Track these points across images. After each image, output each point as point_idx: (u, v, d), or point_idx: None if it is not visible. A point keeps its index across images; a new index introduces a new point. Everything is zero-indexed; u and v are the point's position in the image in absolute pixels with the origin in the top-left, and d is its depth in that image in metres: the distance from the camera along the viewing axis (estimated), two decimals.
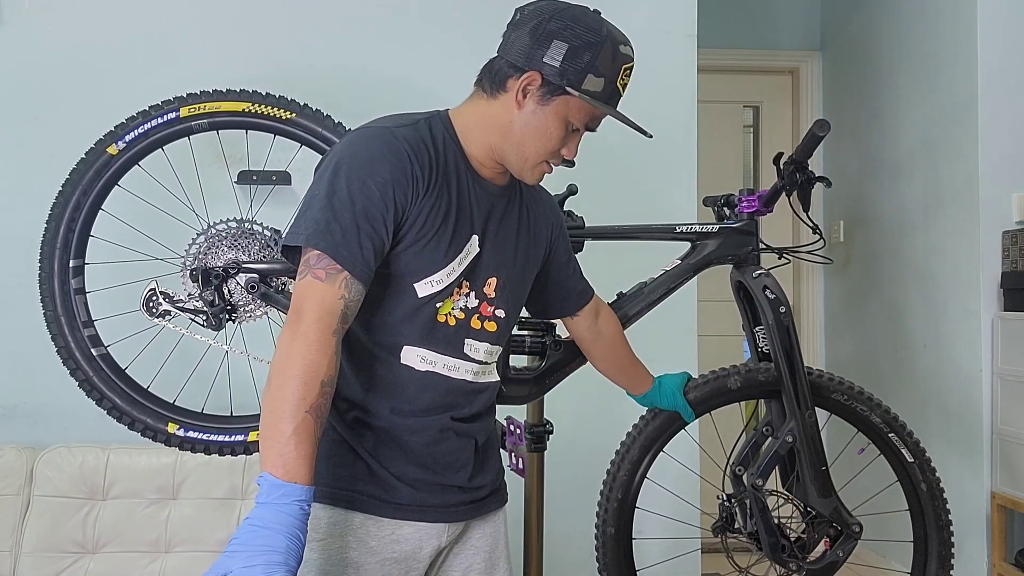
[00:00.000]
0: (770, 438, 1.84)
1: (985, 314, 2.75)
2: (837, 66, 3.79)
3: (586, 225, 1.74)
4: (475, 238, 1.26)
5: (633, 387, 1.74)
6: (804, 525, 1.80)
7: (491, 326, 1.30)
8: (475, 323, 1.28)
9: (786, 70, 3.94)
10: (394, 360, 1.24)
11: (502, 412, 1.62)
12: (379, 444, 1.24)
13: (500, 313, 1.31)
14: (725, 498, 1.83)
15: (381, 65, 2.50)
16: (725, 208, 1.86)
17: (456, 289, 1.25)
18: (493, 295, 1.30)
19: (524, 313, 1.73)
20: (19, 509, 2.17)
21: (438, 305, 1.24)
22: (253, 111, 1.61)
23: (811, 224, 1.79)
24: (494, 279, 1.29)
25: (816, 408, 1.76)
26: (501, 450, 1.62)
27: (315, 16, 2.53)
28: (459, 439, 1.30)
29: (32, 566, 2.12)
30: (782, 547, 1.74)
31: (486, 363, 1.32)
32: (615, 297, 1.76)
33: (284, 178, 2.32)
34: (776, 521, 1.76)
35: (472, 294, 1.27)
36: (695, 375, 1.82)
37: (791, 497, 1.80)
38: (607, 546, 1.79)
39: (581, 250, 1.73)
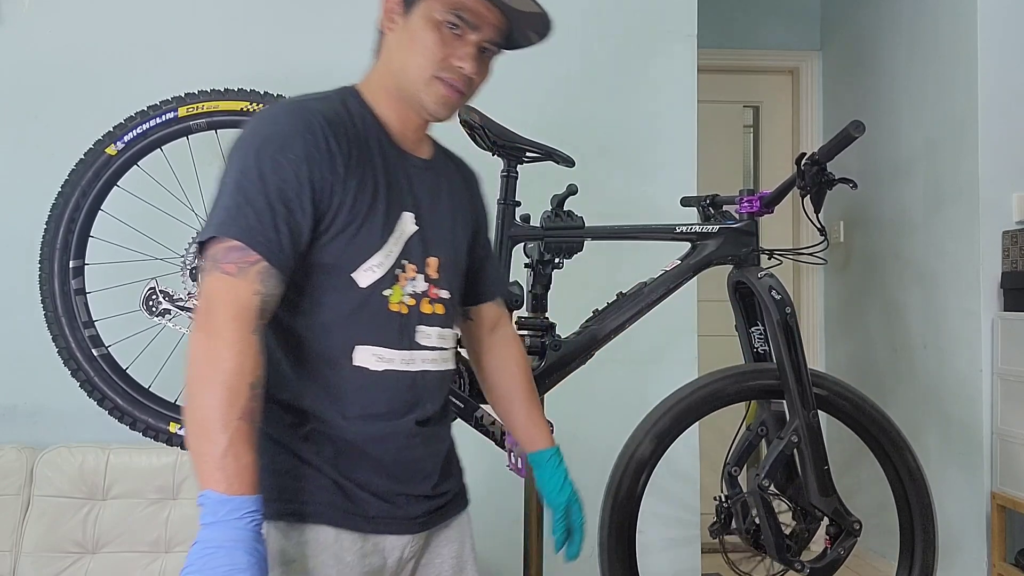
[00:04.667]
0: (766, 438, 1.84)
1: (985, 314, 2.75)
2: (837, 66, 3.79)
3: (586, 225, 1.74)
4: (409, 216, 1.18)
5: (523, 439, 1.45)
6: (795, 522, 1.80)
7: (439, 308, 1.22)
8: (425, 307, 1.20)
9: (786, 70, 3.94)
10: (346, 363, 1.13)
11: None
12: (340, 455, 1.14)
13: (445, 295, 1.23)
14: (723, 499, 1.83)
15: None
16: (711, 208, 1.86)
17: (400, 273, 1.16)
18: (437, 276, 1.21)
19: (523, 312, 1.74)
20: (19, 509, 2.17)
21: (386, 293, 1.14)
22: (251, 110, 1.61)
23: (819, 226, 1.78)
24: (435, 259, 1.21)
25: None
26: (501, 450, 1.63)
27: (314, 15, 2.53)
28: (426, 447, 1.22)
29: (32, 566, 2.12)
30: (787, 547, 1.74)
31: (442, 348, 1.23)
32: (615, 297, 1.77)
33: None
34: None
35: (420, 277, 1.19)
36: (695, 375, 1.82)
37: (779, 495, 1.81)
38: (609, 547, 1.79)
39: (581, 250, 1.73)
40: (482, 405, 1.61)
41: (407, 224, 1.17)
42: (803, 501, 1.77)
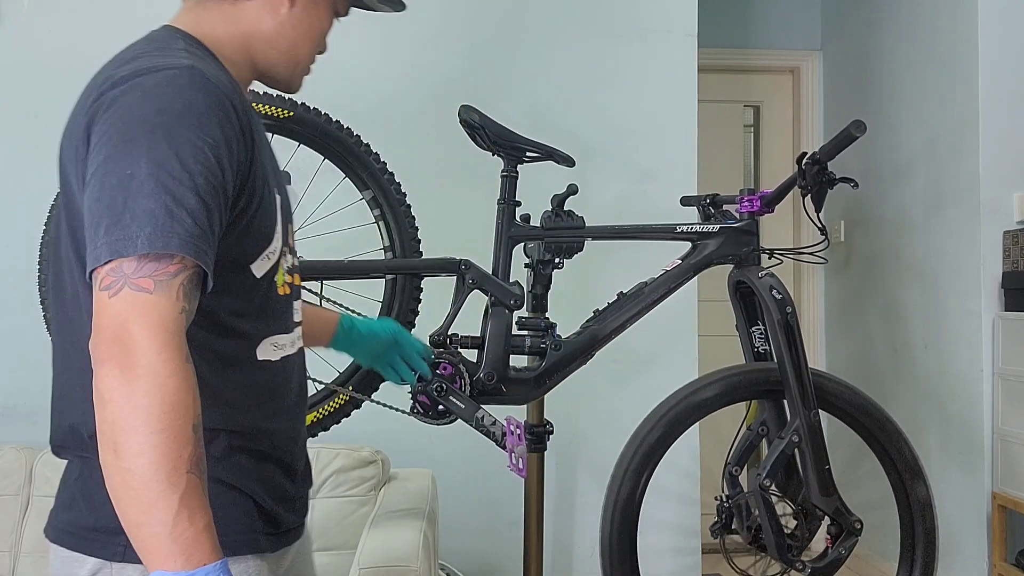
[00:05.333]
0: (767, 438, 1.84)
1: (985, 314, 2.75)
2: (837, 66, 3.79)
3: (586, 225, 1.74)
4: (278, 187, 1.06)
5: (315, 332, 1.34)
6: (795, 522, 1.80)
7: (297, 279, 1.11)
8: (297, 280, 1.09)
9: (786, 70, 3.94)
10: (252, 360, 0.99)
11: (502, 412, 1.62)
12: (260, 466, 0.99)
13: (296, 262, 1.12)
14: (723, 499, 1.83)
15: (381, 64, 2.49)
16: (711, 207, 1.86)
17: (281, 253, 1.03)
18: (293, 244, 1.11)
19: (523, 312, 1.74)
20: (19, 509, 2.17)
21: (275, 278, 1.01)
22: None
23: (820, 225, 1.78)
24: (290, 225, 1.09)
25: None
26: (501, 450, 1.62)
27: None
28: (305, 444, 1.12)
29: (32, 566, 2.11)
30: (788, 547, 1.75)
31: (301, 322, 1.12)
32: (615, 297, 1.76)
33: (283, 177, 2.32)
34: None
35: (288, 251, 1.05)
36: (695, 375, 1.82)
37: (781, 496, 1.81)
38: (611, 547, 1.79)
39: (581, 250, 1.73)
40: (483, 406, 1.61)
41: (278, 196, 1.03)
42: (804, 500, 1.77)
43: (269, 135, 1.67)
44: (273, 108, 1.61)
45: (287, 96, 1.68)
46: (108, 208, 0.83)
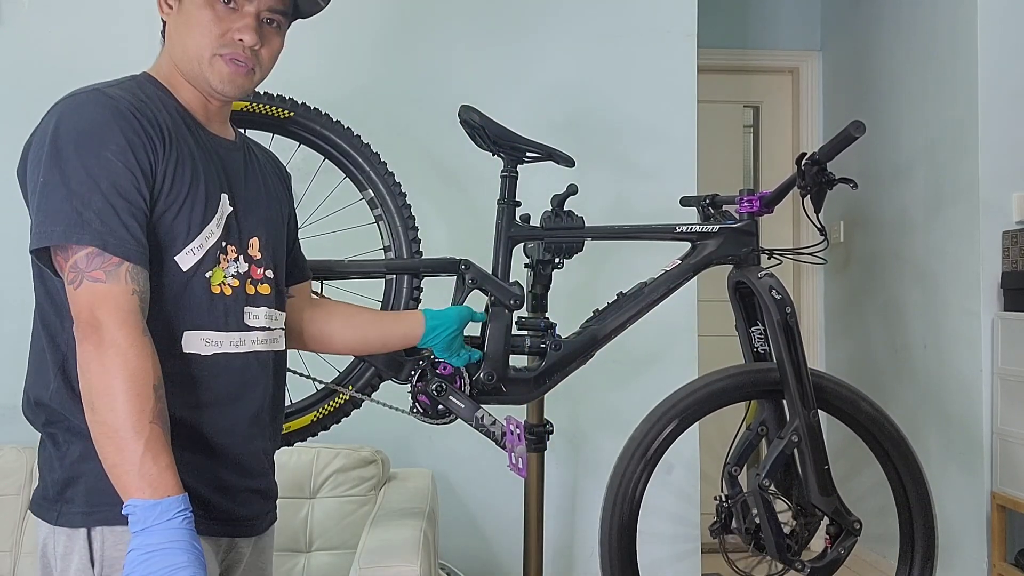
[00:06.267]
0: (766, 438, 1.84)
1: (985, 314, 2.75)
2: (837, 66, 3.79)
3: (586, 225, 1.74)
4: (225, 196, 1.16)
5: (401, 330, 1.48)
6: (795, 522, 1.81)
7: (264, 289, 1.20)
8: (250, 288, 1.18)
9: (786, 70, 3.94)
10: (176, 350, 1.10)
11: (502, 412, 1.63)
12: (184, 450, 1.07)
13: (269, 274, 1.22)
14: (723, 499, 1.84)
15: (380, 64, 2.50)
16: (711, 208, 1.86)
17: (221, 255, 1.14)
18: (259, 256, 1.20)
19: (523, 312, 1.74)
20: (19, 509, 2.17)
21: (208, 275, 1.12)
22: (251, 110, 1.61)
23: (819, 226, 1.78)
24: (256, 239, 1.20)
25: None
26: (501, 450, 1.63)
27: (313, 15, 2.52)
28: (264, 438, 1.21)
29: (32, 566, 2.12)
30: (788, 547, 1.75)
31: (272, 328, 1.22)
32: (615, 297, 1.76)
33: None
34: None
35: (240, 258, 1.17)
36: (695, 375, 1.82)
37: (779, 495, 1.81)
38: (610, 547, 1.79)
39: (581, 250, 1.73)
40: (483, 406, 1.61)
41: (224, 205, 1.15)
42: (803, 500, 1.77)
43: (269, 135, 1.68)
44: (273, 108, 1.61)
45: (287, 96, 1.69)
46: (37, 208, 1.05)
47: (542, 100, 2.56)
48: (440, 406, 1.59)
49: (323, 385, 1.64)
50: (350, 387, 1.64)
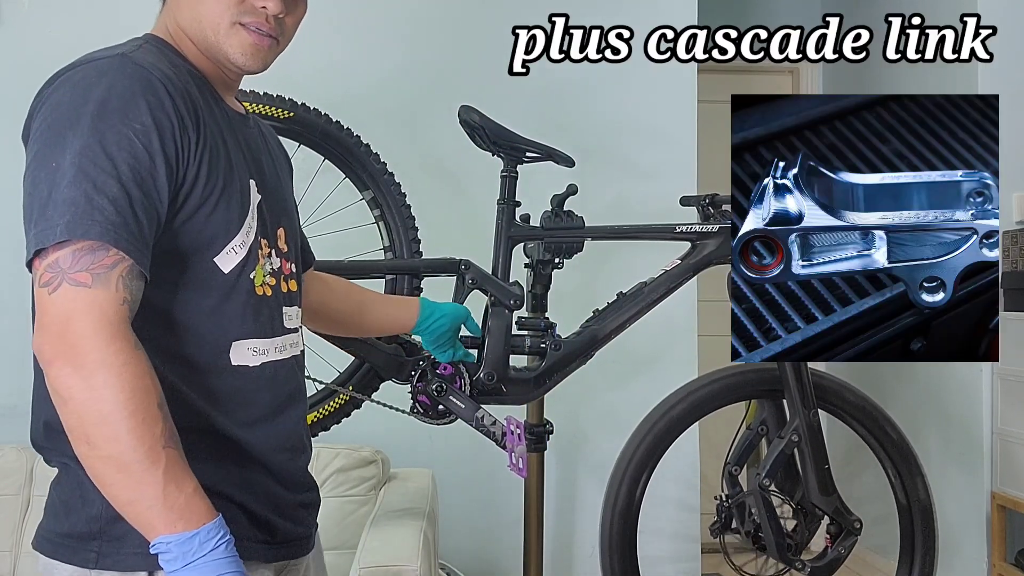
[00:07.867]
0: (766, 438, 1.84)
1: None
2: (837, 66, 3.78)
3: (586, 225, 1.74)
4: (253, 183, 1.01)
5: (395, 316, 1.43)
6: (795, 521, 1.81)
7: (293, 285, 1.07)
8: (283, 287, 1.04)
9: (786, 70, 3.94)
10: (224, 364, 0.96)
11: (502, 412, 1.63)
12: (246, 472, 0.97)
13: (294, 268, 1.09)
14: (723, 498, 1.84)
15: (381, 64, 2.49)
16: (711, 207, 1.86)
17: (259, 251, 0.99)
18: (287, 248, 1.07)
19: (523, 312, 1.74)
20: (19, 509, 2.17)
21: (251, 276, 0.98)
22: (251, 110, 1.61)
23: None
24: (282, 229, 1.06)
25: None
26: (501, 450, 1.63)
27: (314, 15, 2.52)
28: (306, 449, 1.10)
29: (32, 566, 2.11)
30: (788, 546, 1.75)
31: (299, 329, 1.10)
32: (615, 297, 1.76)
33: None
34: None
35: (272, 252, 1.03)
36: (695, 375, 1.82)
37: (779, 494, 1.81)
38: (611, 547, 1.79)
39: (581, 250, 1.73)
40: (483, 406, 1.61)
41: (254, 193, 1.00)
42: (804, 500, 1.77)
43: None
44: (273, 108, 1.62)
45: (287, 96, 1.69)
46: (37, 201, 0.86)
47: (542, 100, 2.56)
48: (440, 406, 1.59)
49: (323, 385, 1.64)
50: (350, 387, 1.64)
